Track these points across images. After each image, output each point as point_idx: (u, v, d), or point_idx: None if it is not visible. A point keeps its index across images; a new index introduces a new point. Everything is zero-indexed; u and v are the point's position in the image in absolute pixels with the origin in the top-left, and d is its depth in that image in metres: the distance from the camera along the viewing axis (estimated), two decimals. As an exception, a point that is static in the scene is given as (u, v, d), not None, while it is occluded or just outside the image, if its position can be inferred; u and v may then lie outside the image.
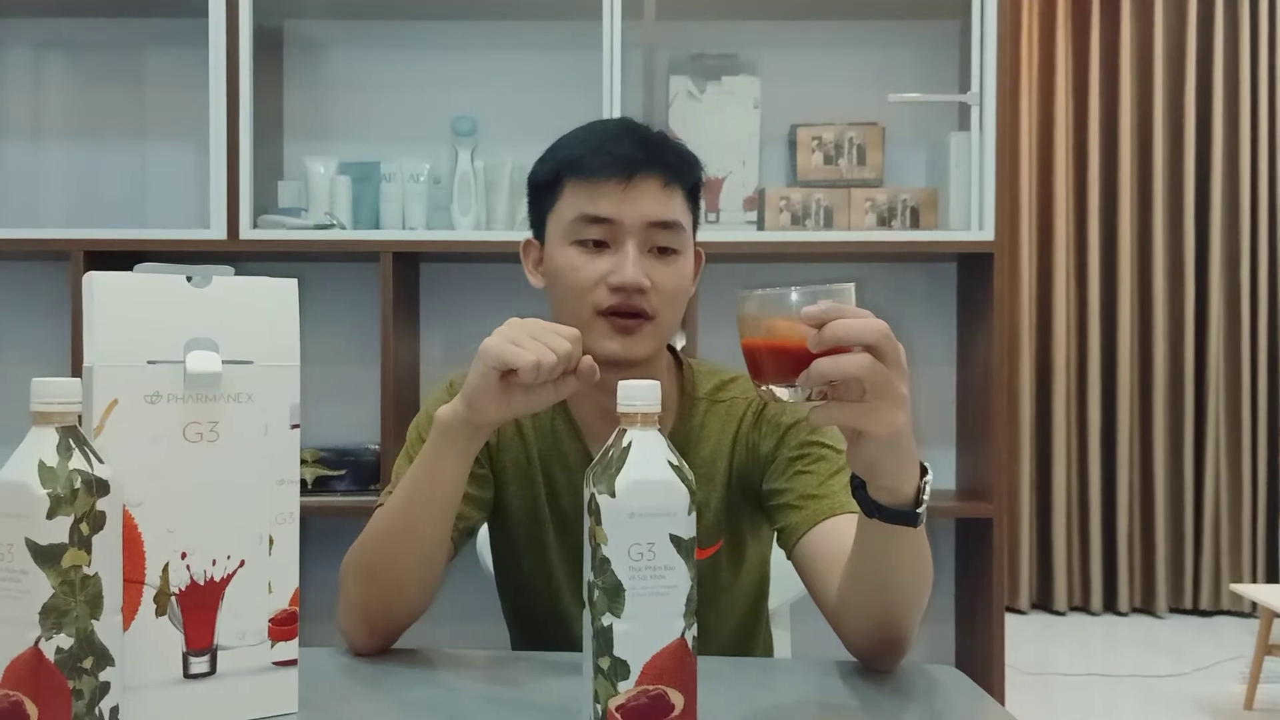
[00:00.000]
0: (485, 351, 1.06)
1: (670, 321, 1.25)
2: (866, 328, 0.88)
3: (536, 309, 1.17)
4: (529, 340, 1.05)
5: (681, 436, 1.31)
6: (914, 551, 1.02)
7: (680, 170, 1.25)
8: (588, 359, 1.09)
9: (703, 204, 1.32)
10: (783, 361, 0.89)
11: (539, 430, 1.33)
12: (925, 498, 0.98)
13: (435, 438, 1.11)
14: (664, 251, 1.23)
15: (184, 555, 0.92)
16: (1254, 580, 4.95)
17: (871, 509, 0.98)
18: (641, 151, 1.22)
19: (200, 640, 0.93)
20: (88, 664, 0.80)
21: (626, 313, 1.20)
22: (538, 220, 1.29)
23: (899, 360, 0.90)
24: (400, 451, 1.32)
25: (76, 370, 2.32)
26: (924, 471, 0.98)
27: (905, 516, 0.97)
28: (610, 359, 1.19)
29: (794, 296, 0.89)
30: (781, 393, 0.90)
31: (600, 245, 1.22)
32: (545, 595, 1.34)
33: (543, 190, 1.27)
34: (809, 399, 0.90)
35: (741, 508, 1.33)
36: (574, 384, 1.09)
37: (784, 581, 1.47)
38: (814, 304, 0.88)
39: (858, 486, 0.99)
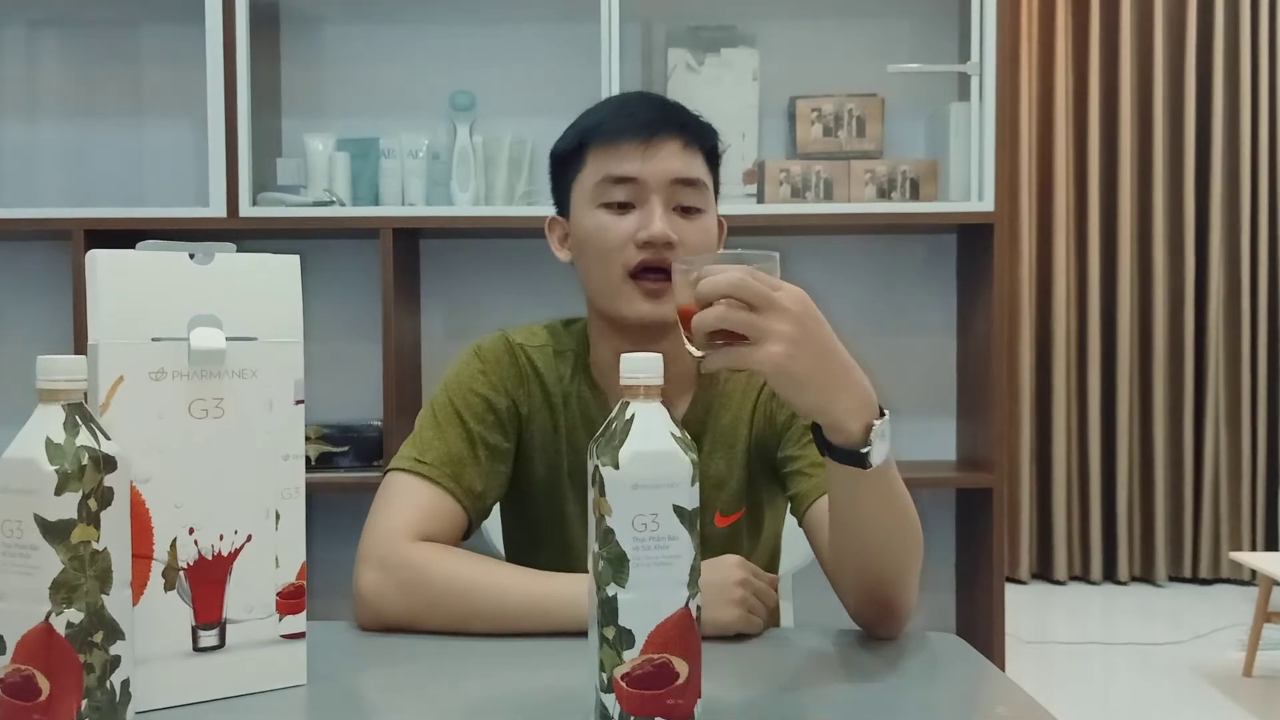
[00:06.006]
0: (731, 626, 1.11)
1: None
2: (720, 281, 0.94)
3: (534, 284, 1.17)
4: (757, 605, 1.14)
5: (703, 404, 1.33)
6: (881, 499, 1.05)
7: (699, 132, 1.28)
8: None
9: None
10: (684, 322, 0.98)
11: (565, 398, 1.34)
12: (873, 438, 0.99)
13: None
14: (688, 211, 1.25)
15: (191, 530, 0.93)
16: (1253, 548, 4.97)
17: (823, 448, 1.02)
18: (660, 113, 1.26)
19: (209, 614, 0.94)
20: (98, 638, 0.80)
21: (655, 267, 1.22)
22: (562, 193, 1.32)
23: (769, 302, 0.94)
24: (427, 419, 1.28)
25: (79, 349, 2.33)
26: (881, 414, 1.00)
27: (853, 457, 1.00)
28: (641, 321, 1.23)
29: (690, 266, 0.97)
30: (693, 350, 0.99)
31: (625, 206, 1.24)
32: (561, 565, 1.35)
33: (566, 161, 1.30)
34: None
35: (760, 476, 1.35)
36: None
37: (787, 551, 1.49)
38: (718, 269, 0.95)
39: (815, 428, 1.02)
